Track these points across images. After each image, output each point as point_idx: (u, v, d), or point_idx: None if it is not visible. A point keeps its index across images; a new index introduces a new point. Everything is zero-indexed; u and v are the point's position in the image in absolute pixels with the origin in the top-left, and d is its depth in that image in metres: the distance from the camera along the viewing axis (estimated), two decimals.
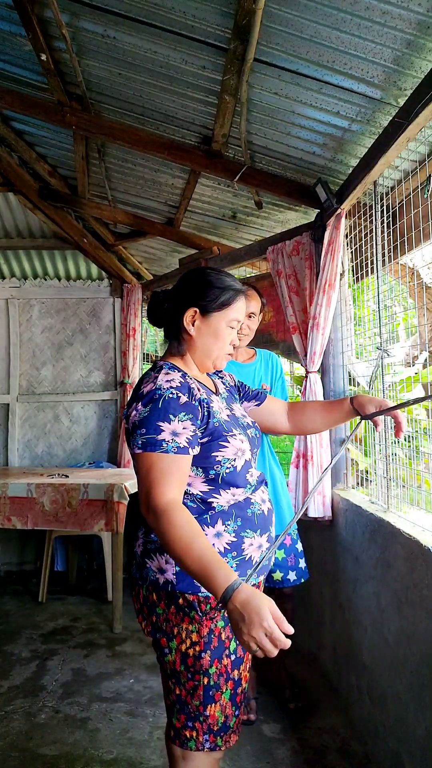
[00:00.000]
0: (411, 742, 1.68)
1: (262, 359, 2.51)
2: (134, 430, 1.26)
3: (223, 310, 1.39)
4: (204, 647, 1.29)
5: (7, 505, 3.43)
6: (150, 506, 1.19)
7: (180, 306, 1.40)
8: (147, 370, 1.39)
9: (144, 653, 3.01)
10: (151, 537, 1.34)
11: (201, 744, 1.32)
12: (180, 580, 1.29)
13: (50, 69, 2.43)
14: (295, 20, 1.82)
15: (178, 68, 2.25)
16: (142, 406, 1.27)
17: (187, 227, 3.84)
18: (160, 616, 1.32)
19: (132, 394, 1.35)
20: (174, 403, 1.26)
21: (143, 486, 1.23)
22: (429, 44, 1.77)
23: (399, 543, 1.81)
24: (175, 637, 1.30)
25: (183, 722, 1.33)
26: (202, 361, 1.44)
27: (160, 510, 1.17)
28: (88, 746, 2.19)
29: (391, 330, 2.93)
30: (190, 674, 1.30)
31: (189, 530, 1.14)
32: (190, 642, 1.29)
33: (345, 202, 2.46)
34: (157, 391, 1.27)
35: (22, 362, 4.66)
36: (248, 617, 0.99)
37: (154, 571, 1.32)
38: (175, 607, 1.30)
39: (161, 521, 1.15)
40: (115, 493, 3.31)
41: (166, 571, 1.30)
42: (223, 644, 1.32)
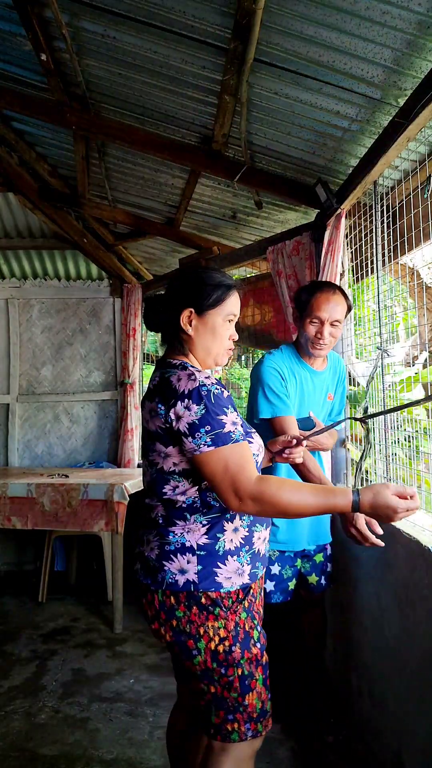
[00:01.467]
0: (411, 742, 1.68)
1: (331, 365, 2.28)
2: (194, 430, 1.24)
3: (218, 306, 1.41)
4: (233, 641, 1.31)
5: (7, 505, 3.43)
6: (244, 495, 1.22)
7: (175, 308, 1.41)
8: (164, 368, 1.36)
9: (144, 653, 3.01)
10: (169, 538, 1.33)
11: (243, 734, 1.32)
12: (202, 578, 1.29)
13: (50, 69, 2.43)
14: (295, 20, 1.82)
15: (178, 68, 2.25)
16: (194, 404, 1.25)
17: (187, 227, 3.84)
18: (181, 619, 1.31)
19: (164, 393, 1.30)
20: (222, 396, 1.29)
21: (225, 481, 1.23)
22: (429, 44, 1.77)
23: (399, 543, 1.81)
24: (202, 636, 1.30)
25: (223, 717, 1.33)
26: (203, 360, 1.45)
27: (257, 492, 1.22)
28: (88, 746, 2.19)
29: (391, 330, 2.93)
30: (224, 669, 1.31)
31: (292, 488, 1.24)
32: (218, 639, 1.30)
33: (345, 202, 2.46)
34: (203, 388, 1.27)
35: (22, 362, 4.66)
36: (384, 514, 1.20)
37: (173, 573, 1.31)
38: (197, 607, 1.29)
39: (265, 499, 1.21)
40: (115, 493, 3.31)
41: (188, 571, 1.30)
42: (248, 634, 1.34)
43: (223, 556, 1.32)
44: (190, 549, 1.31)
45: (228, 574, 1.32)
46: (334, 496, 1.24)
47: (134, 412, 4.40)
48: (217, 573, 1.31)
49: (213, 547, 1.32)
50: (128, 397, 4.41)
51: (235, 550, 1.34)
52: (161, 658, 2.94)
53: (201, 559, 1.31)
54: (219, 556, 1.32)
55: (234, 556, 1.33)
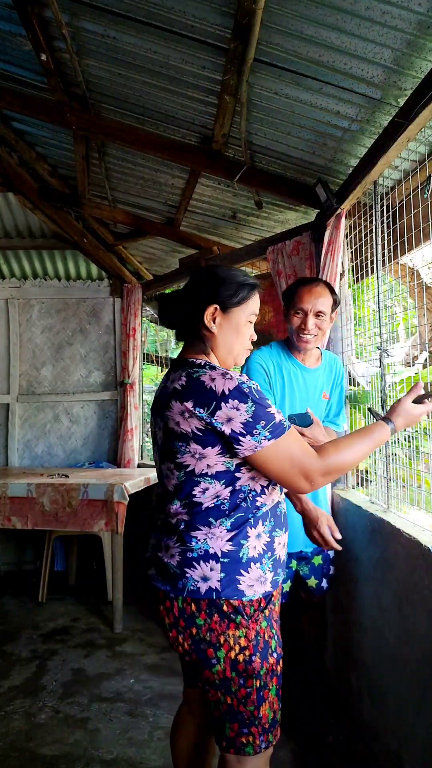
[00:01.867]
0: (411, 742, 1.68)
1: (326, 364, 2.27)
2: (251, 427, 1.23)
3: (242, 305, 1.39)
4: (254, 650, 1.29)
5: (7, 505, 3.43)
6: (315, 475, 1.27)
7: (198, 304, 1.38)
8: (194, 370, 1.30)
9: (144, 653, 3.01)
10: (192, 544, 1.29)
11: (258, 747, 1.31)
12: (225, 586, 1.27)
13: (50, 69, 2.43)
14: (295, 20, 1.82)
15: (178, 68, 2.25)
16: (241, 403, 1.23)
17: (187, 227, 3.84)
18: (201, 627, 1.28)
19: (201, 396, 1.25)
20: (260, 390, 1.30)
21: (294, 469, 1.26)
22: (429, 44, 1.77)
23: (399, 543, 1.81)
24: (222, 645, 1.27)
25: (237, 730, 1.30)
26: (224, 359, 1.42)
27: (325, 467, 1.28)
28: (88, 746, 2.19)
29: (391, 330, 2.93)
30: (242, 680, 1.28)
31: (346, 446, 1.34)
32: (239, 648, 1.27)
33: (345, 202, 2.46)
34: (243, 385, 1.26)
35: (22, 362, 4.66)
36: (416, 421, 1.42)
37: (195, 581, 1.28)
38: (218, 615, 1.27)
39: (335, 468, 1.30)
40: (115, 493, 3.30)
41: (210, 579, 1.27)
42: (267, 644, 1.32)
43: (247, 563, 1.29)
44: (214, 556, 1.28)
45: (251, 582, 1.29)
46: (377, 432, 1.38)
47: (134, 412, 4.40)
48: (239, 581, 1.28)
49: (237, 554, 1.29)
50: (128, 397, 4.41)
51: (258, 557, 1.31)
52: (161, 658, 2.94)
53: (224, 567, 1.28)
54: (242, 563, 1.29)
55: (257, 564, 1.31)
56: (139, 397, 4.53)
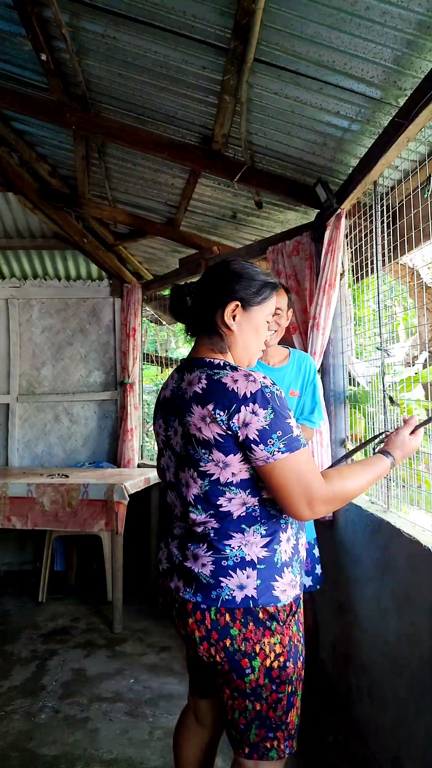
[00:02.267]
0: (411, 743, 1.68)
1: (295, 362, 2.35)
2: (265, 436, 1.16)
3: (264, 304, 1.34)
4: (287, 656, 1.26)
5: (7, 505, 3.43)
6: (317, 501, 1.20)
7: (218, 300, 1.31)
8: (214, 371, 1.25)
9: (144, 653, 3.01)
10: (227, 552, 1.24)
11: (282, 751, 1.28)
12: (261, 593, 1.23)
13: (50, 69, 2.43)
14: (295, 20, 1.82)
15: (178, 68, 2.25)
16: (261, 408, 1.17)
17: (187, 227, 3.84)
18: (236, 638, 1.23)
19: (221, 398, 1.19)
20: (283, 397, 1.23)
21: (300, 487, 1.18)
22: (429, 44, 1.77)
23: (399, 543, 1.81)
24: (258, 654, 1.23)
25: (263, 735, 1.27)
26: (241, 358, 1.35)
27: (330, 494, 1.23)
28: (88, 746, 2.19)
29: (391, 330, 2.93)
30: (275, 686, 1.25)
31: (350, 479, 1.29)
32: (274, 655, 1.24)
33: (345, 202, 2.46)
34: (266, 390, 1.19)
35: (22, 362, 4.66)
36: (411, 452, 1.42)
37: (230, 590, 1.22)
38: (254, 623, 1.23)
39: (338, 497, 1.25)
40: (115, 493, 3.30)
41: (246, 587, 1.22)
42: (297, 648, 1.30)
43: (281, 568, 1.26)
44: (251, 563, 1.24)
45: (284, 587, 1.26)
46: (377, 465, 1.35)
47: (134, 412, 4.40)
48: (274, 587, 1.24)
49: (272, 560, 1.25)
50: (128, 397, 4.41)
51: (289, 561, 1.29)
52: (160, 658, 2.94)
53: (260, 573, 1.24)
54: (277, 568, 1.26)
55: (289, 568, 1.28)
56: (139, 397, 4.53)
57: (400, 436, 1.41)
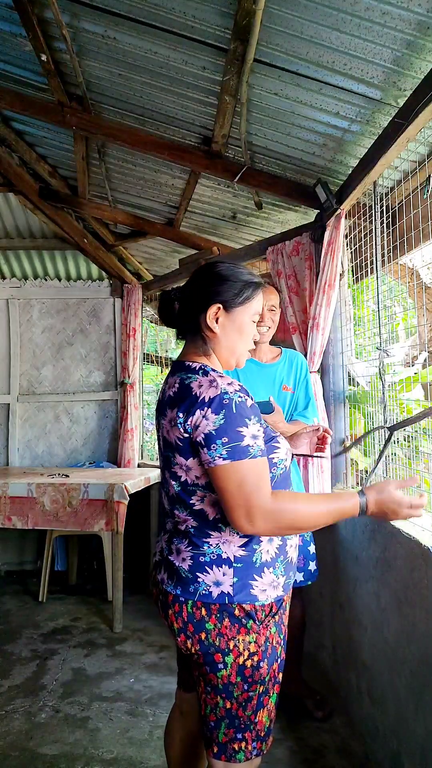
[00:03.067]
0: (411, 742, 1.68)
1: (287, 359, 2.45)
2: (211, 440, 1.17)
3: (246, 304, 1.33)
4: (262, 656, 1.26)
5: (8, 505, 3.43)
6: (257, 515, 1.16)
7: (201, 303, 1.32)
8: (183, 373, 1.29)
9: (144, 653, 3.01)
10: (204, 549, 1.26)
11: (250, 753, 1.28)
12: (238, 591, 1.24)
13: (50, 69, 2.44)
14: (295, 21, 1.82)
15: (178, 69, 2.25)
16: (213, 414, 1.17)
17: (187, 227, 3.84)
18: (211, 632, 1.25)
19: (184, 401, 1.22)
20: (245, 406, 1.21)
21: (238, 498, 1.16)
22: (429, 45, 1.77)
23: (399, 543, 1.81)
24: (231, 650, 1.25)
25: (231, 735, 1.27)
26: (226, 359, 1.37)
27: (273, 512, 1.18)
28: (89, 746, 2.20)
29: (391, 330, 2.93)
30: (247, 685, 1.26)
31: (304, 504, 1.23)
32: (248, 653, 1.25)
33: (345, 202, 2.46)
34: (224, 396, 1.19)
35: (22, 362, 4.67)
36: (390, 510, 1.22)
37: (207, 585, 1.25)
38: (229, 619, 1.24)
39: (283, 518, 1.19)
40: (115, 493, 3.31)
41: (223, 583, 1.24)
42: (275, 650, 1.30)
43: (260, 568, 1.27)
44: (227, 561, 1.25)
45: (263, 587, 1.27)
46: (344, 501, 1.24)
47: (134, 412, 4.41)
48: (252, 585, 1.25)
49: (250, 559, 1.26)
50: (128, 397, 4.41)
51: (271, 561, 1.28)
52: (160, 658, 2.95)
53: (237, 571, 1.25)
54: (256, 568, 1.26)
55: (270, 568, 1.28)
56: (140, 397, 4.54)
57: (385, 484, 1.27)
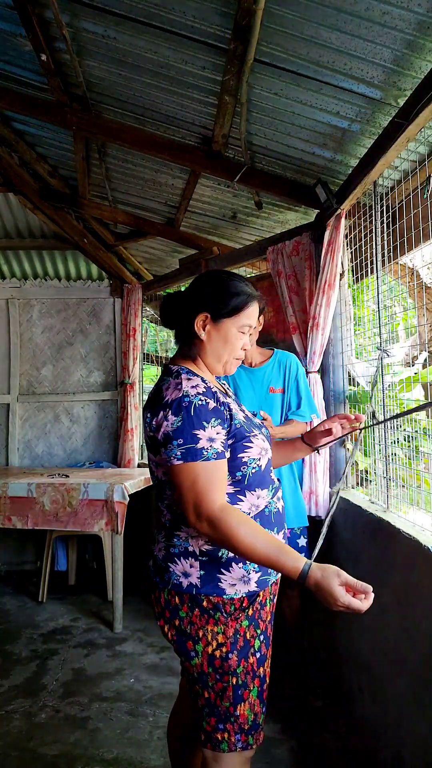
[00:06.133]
0: (412, 742, 1.68)
1: (276, 361, 2.51)
2: (168, 441, 1.24)
3: (234, 316, 1.38)
4: (230, 648, 1.30)
5: (8, 505, 3.43)
6: (203, 516, 1.20)
7: (192, 310, 1.38)
8: (162, 375, 1.37)
9: (144, 653, 3.01)
10: (174, 541, 1.33)
11: (233, 744, 1.32)
12: (204, 583, 1.29)
13: (50, 69, 2.44)
14: (295, 20, 1.82)
15: (178, 69, 2.25)
16: (173, 415, 1.24)
17: (187, 227, 3.84)
18: (183, 620, 1.31)
19: (154, 402, 1.31)
20: (204, 409, 1.26)
21: (189, 496, 1.21)
22: (429, 44, 1.77)
23: (399, 543, 1.81)
24: (201, 639, 1.30)
25: (213, 725, 1.32)
26: (212, 366, 1.42)
27: (215, 517, 1.19)
28: (89, 746, 2.19)
29: (391, 330, 2.93)
30: (219, 676, 1.30)
31: (249, 529, 1.19)
32: (216, 644, 1.29)
33: (345, 202, 2.46)
34: (185, 399, 1.25)
35: (22, 362, 4.67)
36: (324, 599, 1.13)
37: (177, 575, 1.31)
38: (199, 609, 1.30)
39: (221, 527, 1.19)
40: (115, 493, 3.31)
41: (190, 575, 1.30)
42: (248, 643, 1.33)
43: (227, 563, 1.30)
44: (193, 554, 1.31)
45: (232, 581, 1.30)
46: (286, 556, 1.17)
47: (134, 412, 4.41)
48: (220, 579, 1.30)
49: (215, 554, 1.30)
50: (128, 397, 4.41)
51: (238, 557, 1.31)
52: (161, 658, 2.94)
53: (203, 565, 1.30)
54: (222, 563, 1.30)
55: (239, 564, 1.31)
56: (139, 397, 4.53)
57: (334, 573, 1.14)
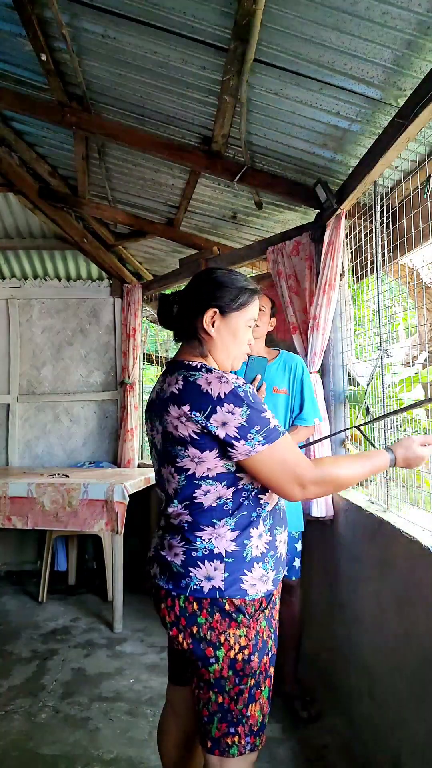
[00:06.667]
0: (411, 742, 1.68)
1: (282, 361, 2.47)
2: (245, 431, 1.23)
3: (242, 310, 1.40)
4: (252, 650, 1.29)
5: (8, 505, 3.43)
6: (307, 484, 1.27)
7: (198, 307, 1.38)
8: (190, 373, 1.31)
9: (144, 653, 3.01)
10: (197, 544, 1.30)
11: (243, 747, 1.30)
12: (228, 585, 1.28)
13: (50, 69, 2.44)
14: (295, 20, 1.82)
15: (178, 68, 2.25)
16: (236, 407, 1.23)
17: (187, 227, 3.84)
18: (202, 626, 1.28)
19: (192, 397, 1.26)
20: (256, 395, 1.30)
21: (286, 474, 1.26)
22: (429, 44, 1.77)
23: (399, 543, 1.81)
24: (222, 644, 1.28)
25: (224, 730, 1.30)
26: (221, 361, 1.42)
27: (318, 478, 1.28)
28: (88, 746, 2.19)
29: (391, 330, 2.93)
30: (238, 679, 1.29)
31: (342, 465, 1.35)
32: (239, 647, 1.28)
33: (345, 202, 2.46)
34: (238, 389, 1.26)
35: (22, 362, 4.67)
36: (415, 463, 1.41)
37: (198, 580, 1.29)
38: (220, 614, 1.28)
39: (327, 482, 1.30)
40: (115, 493, 3.31)
41: (214, 578, 1.28)
42: (265, 643, 1.33)
43: (250, 563, 1.31)
44: (218, 556, 1.29)
45: (253, 581, 1.30)
46: (376, 458, 1.39)
47: (134, 412, 4.41)
48: (242, 580, 1.29)
49: (241, 554, 1.30)
50: (128, 397, 4.41)
51: (260, 556, 1.32)
52: (161, 658, 2.94)
53: (228, 566, 1.29)
54: (246, 563, 1.30)
55: (260, 563, 1.32)
56: (139, 397, 4.53)
57: (410, 441, 1.43)
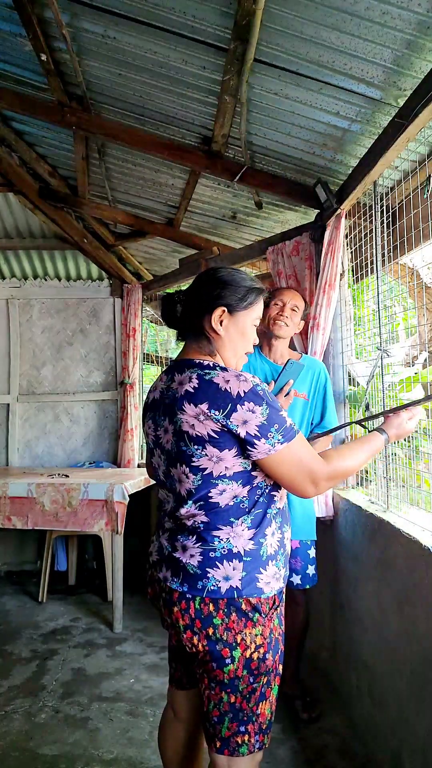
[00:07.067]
0: (412, 742, 1.68)
1: (306, 366, 2.33)
2: (265, 430, 1.24)
3: (249, 309, 1.40)
4: (267, 648, 1.30)
5: (8, 505, 3.43)
6: (320, 481, 1.31)
7: (206, 306, 1.38)
8: (204, 371, 1.30)
9: (144, 653, 3.01)
10: (215, 544, 1.29)
11: (252, 746, 1.30)
12: (245, 584, 1.28)
13: (50, 69, 2.44)
14: (295, 20, 1.82)
15: (178, 68, 2.25)
16: (257, 406, 1.24)
17: (187, 227, 3.84)
18: (218, 627, 1.27)
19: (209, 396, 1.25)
20: (271, 393, 1.32)
21: (302, 473, 1.29)
22: (429, 44, 1.77)
23: (399, 543, 1.81)
24: (239, 644, 1.27)
25: (235, 729, 1.29)
26: (228, 360, 1.42)
27: (330, 474, 1.32)
28: (88, 746, 2.19)
29: (391, 330, 2.93)
30: (252, 678, 1.28)
31: (347, 456, 1.40)
32: (254, 646, 1.28)
33: (345, 202, 2.46)
34: (257, 387, 1.27)
35: (22, 362, 4.67)
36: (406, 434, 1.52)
37: (216, 580, 1.27)
38: (236, 614, 1.27)
39: (337, 475, 1.35)
40: (115, 493, 3.31)
41: (232, 578, 1.27)
42: (277, 642, 1.34)
43: (266, 561, 1.31)
44: (237, 555, 1.29)
45: (268, 579, 1.31)
46: (374, 441, 1.47)
47: (134, 412, 4.41)
48: (258, 579, 1.29)
49: (258, 553, 1.30)
50: (128, 397, 4.41)
51: (274, 554, 1.33)
52: (161, 658, 2.94)
53: (246, 565, 1.29)
54: (262, 561, 1.31)
55: (273, 561, 1.33)
56: (140, 397, 4.53)
57: (399, 418, 1.52)
